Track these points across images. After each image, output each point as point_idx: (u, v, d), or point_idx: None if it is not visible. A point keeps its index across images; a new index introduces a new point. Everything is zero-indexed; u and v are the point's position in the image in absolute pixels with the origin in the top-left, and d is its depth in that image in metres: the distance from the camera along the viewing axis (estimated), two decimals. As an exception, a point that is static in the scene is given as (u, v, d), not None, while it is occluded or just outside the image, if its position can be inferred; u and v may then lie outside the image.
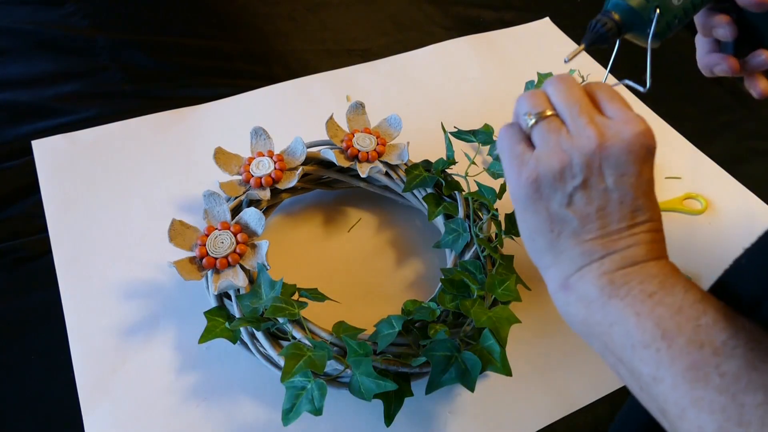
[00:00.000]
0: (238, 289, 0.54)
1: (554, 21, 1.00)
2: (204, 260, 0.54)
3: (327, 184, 0.68)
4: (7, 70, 0.80)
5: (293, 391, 0.46)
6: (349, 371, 0.48)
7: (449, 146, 0.66)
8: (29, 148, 0.71)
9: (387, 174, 0.65)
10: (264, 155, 0.63)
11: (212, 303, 0.55)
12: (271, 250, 0.56)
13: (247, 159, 0.63)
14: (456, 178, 0.64)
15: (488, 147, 0.74)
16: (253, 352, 0.53)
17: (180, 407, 0.52)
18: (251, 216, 0.57)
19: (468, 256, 0.58)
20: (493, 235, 0.60)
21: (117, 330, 0.57)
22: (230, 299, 0.54)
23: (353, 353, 0.47)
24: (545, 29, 0.99)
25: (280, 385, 0.47)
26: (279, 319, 0.51)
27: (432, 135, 0.74)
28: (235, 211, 0.60)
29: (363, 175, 0.62)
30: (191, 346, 0.56)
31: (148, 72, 0.83)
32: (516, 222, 0.58)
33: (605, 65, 0.89)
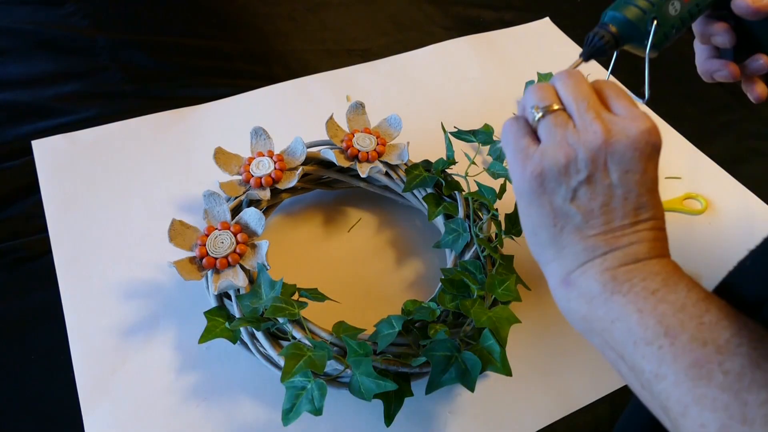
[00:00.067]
0: (238, 289, 0.54)
1: (554, 21, 1.00)
2: (204, 260, 0.54)
3: (327, 184, 0.68)
4: (7, 70, 0.80)
5: (293, 391, 0.46)
6: (349, 371, 0.48)
7: (449, 146, 0.66)
8: (29, 148, 0.71)
9: (387, 174, 0.65)
10: (264, 155, 0.63)
11: (212, 303, 0.55)
12: (271, 250, 0.56)
13: (247, 159, 0.63)
14: (456, 178, 0.64)
15: (488, 147, 0.74)
16: (253, 352, 0.53)
17: (180, 407, 0.52)
18: (251, 216, 0.57)
19: (468, 256, 0.58)
20: (493, 235, 0.60)
21: (117, 330, 0.57)
22: (230, 299, 0.54)
23: (353, 353, 0.47)
24: (545, 29, 0.99)
25: (280, 385, 0.47)
26: (279, 319, 0.51)
27: (432, 135, 0.74)
28: (235, 211, 0.60)
29: (363, 175, 0.62)
30: (191, 346, 0.56)
31: (148, 72, 0.83)
32: (516, 222, 0.59)
33: (605, 66, 0.89)
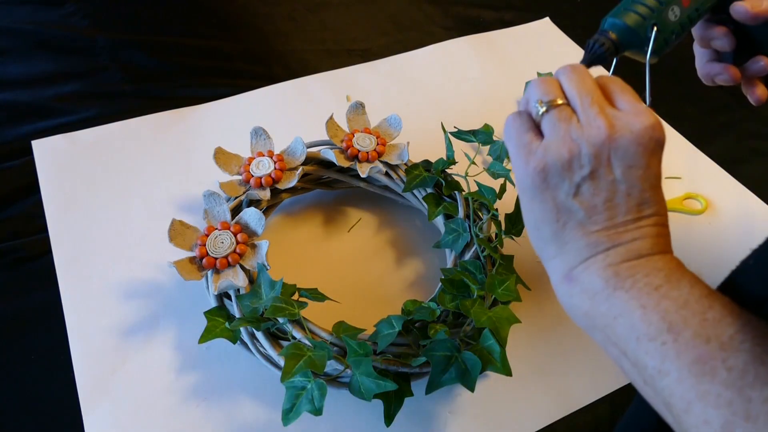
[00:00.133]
0: (238, 289, 0.54)
1: (554, 21, 1.00)
2: (204, 260, 0.54)
3: (327, 184, 0.68)
4: (7, 70, 0.80)
5: (293, 391, 0.46)
6: (349, 371, 0.48)
7: (449, 146, 0.66)
8: (29, 148, 0.71)
9: (387, 174, 0.65)
10: (264, 155, 0.63)
11: (212, 303, 0.55)
12: (271, 250, 0.56)
13: (247, 159, 0.63)
14: (456, 178, 0.64)
15: (488, 147, 0.74)
16: (253, 352, 0.53)
17: (180, 407, 0.52)
18: (251, 216, 0.57)
19: (468, 256, 0.58)
20: (493, 235, 0.60)
21: (117, 330, 0.57)
22: (230, 299, 0.54)
23: (353, 353, 0.47)
24: (545, 29, 0.99)
25: (280, 385, 0.47)
26: (279, 319, 0.51)
27: (432, 135, 0.74)
28: (235, 211, 0.60)
29: (363, 175, 0.62)
30: (191, 346, 0.56)
31: (148, 72, 0.83)
32: (516, 222, 0.59)
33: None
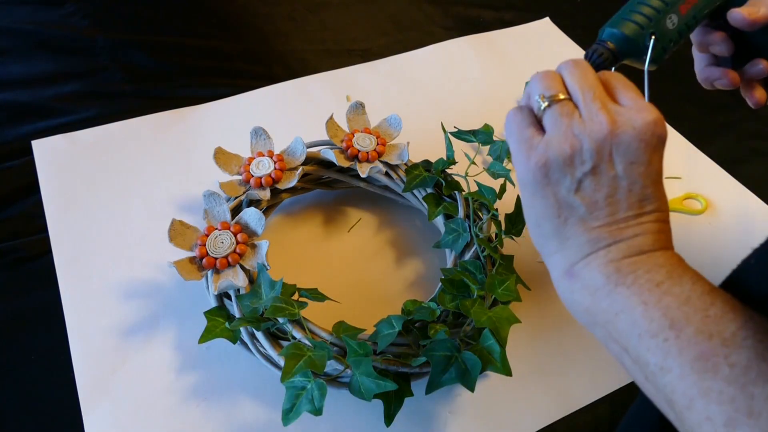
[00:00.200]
0: (238, 289, 0.54)
1: (554, 21, 1.00)
2: (204, 260, 0.54)
3: (327, 184, 0.68)
4: (7, 70, 0.80)
5: (293, 391, 0.46)
6: (349, 371, 0.48)
7: (449, 146, 0.66)
8: (29, 148, 0.71)
9: (387, 174, 0.65)
10: (264, 155, 0.63)
11: (212, 303, 0.55)
12: (271, 250, 0.56)
13: (247, 159, 0.63)
14: (456, 178, 0.64)
15: (488, 147, 0.74)
16: (253, 352, 0.53)
17: (180, 407, 0.52)
18: (251, 216, 0.57)
19: (468, 256, 0.58)
20: (493, 235, 0.60)
21: (117, 330, 0.57)
22: (230, 299, 0.54)
23: (353, 353, 0.47)
24: (545, 29, 0.99)
25: (280, 385, 0.47)
26: (279, 319, 0.51)
27: (432, 135, 0.74)
28: (235, 211, 0.60)
29: (363, 175, 0.62)
30: (191, 346, 0.56)
31: (148, 72, 0.83)
32: (516, 222, 0.59)
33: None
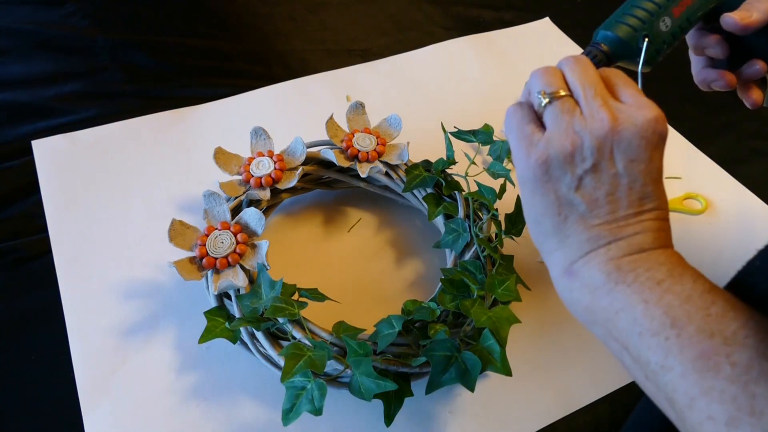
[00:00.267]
0: (238, 289, 0.54)
1: (554, 21, 1.00)
2: (204, 260, 0.54)
3: (327, 184, 0.68)
4: (7, 70, 0.80)
5: (293, 391, 0.46)
6: (349, 371, 0.48)
7: (449, 146, 0.66)
8: (29, 148, 0.71)
9: (387, 174, 0.65)
10: (264, 155, 0.63)
11: (212, 303, 0.55)
12: (271, 250, 0.56)
13: (247, 159, 0.63)
14: (456, 178, 0.64)
15: (488, 147, 0.74)
16: (253, 352, 0.53)
17: (180, 407, 0.52)
18: (251, 216, 0.57)
19: (468, 256, 0.58)
20: (493, 235, 0.60)
21: (117, 330, 0.57)
22: (230, 299, 0.54)
23: (353, 353, 0.47)
24: (545, 29, 0.99)
25: (280, 385, 0.47)
26: (279, 319, 0.51)
27: (432, 135, 0.74)
28: (235, 211, 0.60)
29: (363, 175, 0.62)
30: (191, 346, 0.56)
31: (148, 72, 0.82)
32: (516, 222, 0.59)
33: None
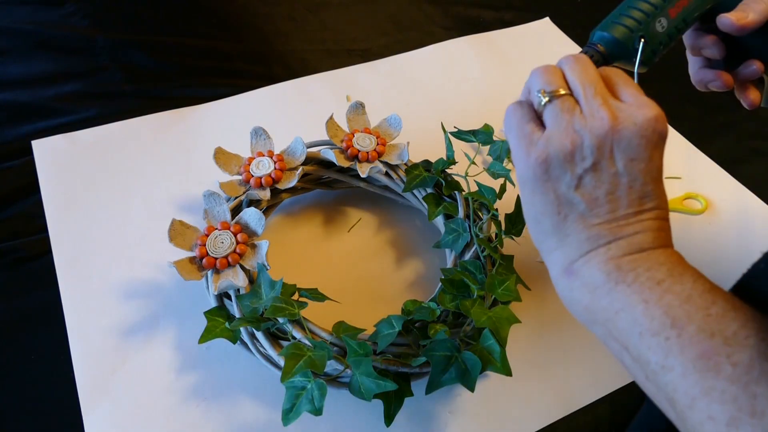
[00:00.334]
0: (238, 289, 0.54)
1: (554, 21, 1.00)
2: (204, 260, 0.54)
3: (327, 184, 0.68)
4: (7, 70, 0.80)
5: (293, 391, 0.46)
6: (349, 371, 0.48)
7: (449, 146, 0.66)
8: (29, 148, 0.71)
9: (387, 174, 0.65)
10: (264, 155, 0.63)
11: (212, 303, 0.55)
12: (271, 250, 0.56)
13: (247, 159, 0.63)
14: (456, 178, 0.64)
15: (488, 147, 0.74)
16: (253, 352, 0.53)
17: (180, 407, 0.52)
18: (251, 216, 0.57)
19: (468, 256, 0.58)
20: (493, 235, 0.60)
21: (117, 330, 0.57)
22: (230, 299, 0.54)
23: (353, 353, 0.47)
24: (545, 29, 0.99)
25: (280, 385, 0.47)
26: (279, 319, 0.51)
27: (432, 135, 0.74)
28: (235, 211, 0.60)
29: (363, 175, 0.62)
30: (191, 346, 0.56)
31: (148, 72, 0.82)
32: (516, 222, 0.59)
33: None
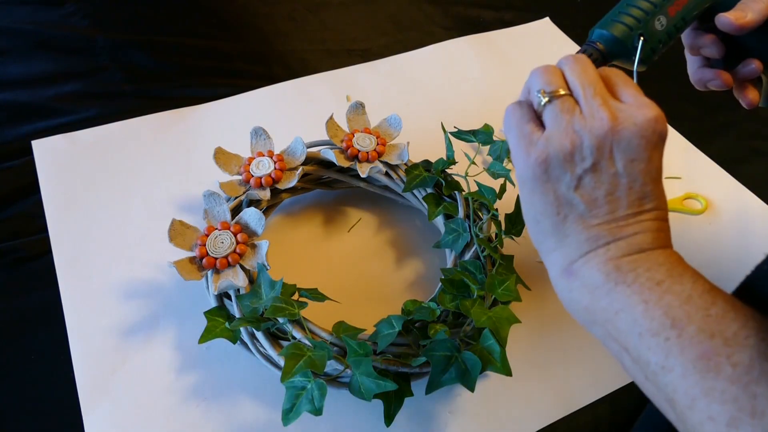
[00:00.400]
0: (238, 289, 0.54)
1: (554, 21, 1.00)
2: (204, 260, 0.54)
3: (327, 184, 0.68)
4: (7, 70, 0.80)
5: (293, 391, 0.46)
6: (349, 371, 0.48)
7: (449, 146, 0.66)
8: (29, 148, 0.71)
9: (387, 174, 0.65)
10: (264, 155, 0.63)
11: (212, 303, 0.55)
12: (271, 250, 0.56)
13: (247, 159, 0.63)
14: (456, 178, 0.64)
15: (488, 147, 0.74)
16: (253, 352, 0.53)
17: (180, 407, 0.52)
18: (251, 216, 0.57)
19: (468, 256, 0.58)
20: (493, 235, 0.60)
21: (117, 330, 0.57)
22: (230, 299, 0.54)
23: (353, 353, 0.47)
24: (545, 29, 0.99)
25: (280, 385, 0.47)
26: (279, 319, 0.51)
27: (432, 135, 0.74)
28: (235, 211, 0.60)
29: (363, 175, 0.62)
30: (191, 346, 0.56)
31: (148, 72, 0.82)
32: (516, 222, 0.59)
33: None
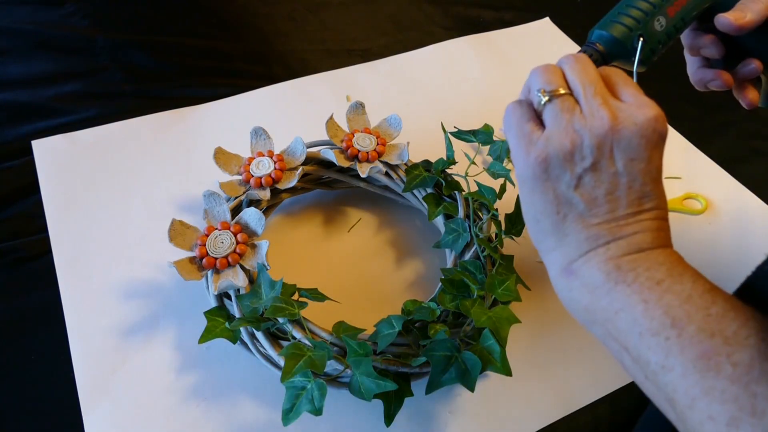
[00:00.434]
0: (238, 289, 0.54)
1: (554, 21, 1.00)
2: (204, 260, 0.54)
3: (327, 184, 0.68)
4: (7, 70, 0.80)
5: (293, 391, 0.46)
6: (349, 371, 0.48)
7: (449, 146, 0.66)
8: (29, 148, 0.71)
9: (387, 174, 0.65)
10: (264, 155, 0.63)
11: (212, 303, 0.55)
12: (271, 250, 0.56)
13: (247, 159, 0.63)
14: (456, 178, 0.64)
15: (488, 147, 0.74)
16: (253, 352, 0.53)
17: (180, 407, 0.52)
18: (251, 216, 0.57)
19: (468, 256, 0.58)
20: (493, 235, 0.60)
21: (117, 330, 0.57)
22: (230, 299, 0.54)
23: (353, 353, 0.47)
24: (545, 29, 0.99)
25: (280, 385, 0.47)
26: (279, 319, 0.51)
27: (432, 135, 0.74)
28: (235, 211, 0.60)
29: (363, 175, 0.62)
30: (191, 346, 0.56)
31: (148, 72, 0.82)
32: (516, 222, 0.59)
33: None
